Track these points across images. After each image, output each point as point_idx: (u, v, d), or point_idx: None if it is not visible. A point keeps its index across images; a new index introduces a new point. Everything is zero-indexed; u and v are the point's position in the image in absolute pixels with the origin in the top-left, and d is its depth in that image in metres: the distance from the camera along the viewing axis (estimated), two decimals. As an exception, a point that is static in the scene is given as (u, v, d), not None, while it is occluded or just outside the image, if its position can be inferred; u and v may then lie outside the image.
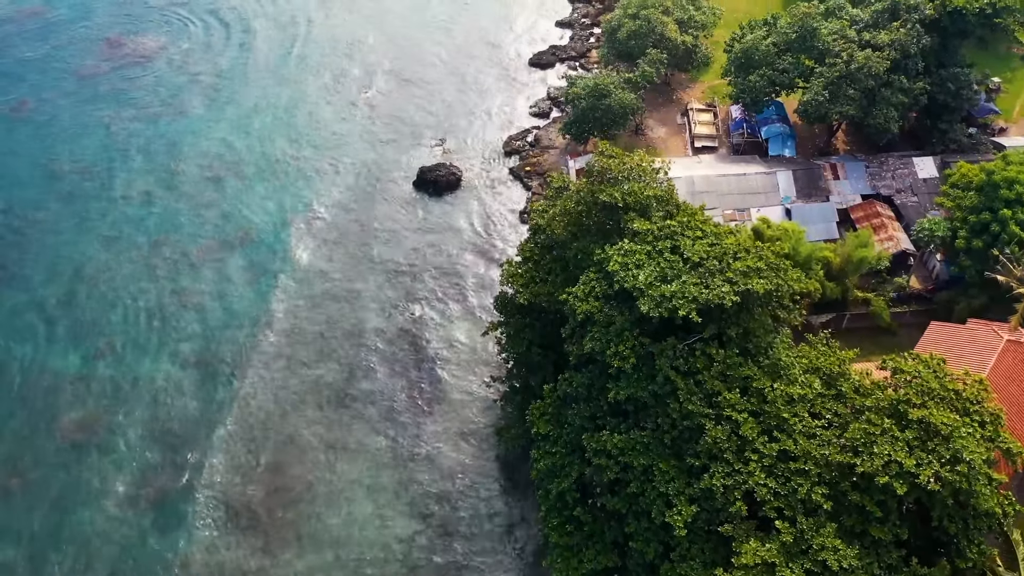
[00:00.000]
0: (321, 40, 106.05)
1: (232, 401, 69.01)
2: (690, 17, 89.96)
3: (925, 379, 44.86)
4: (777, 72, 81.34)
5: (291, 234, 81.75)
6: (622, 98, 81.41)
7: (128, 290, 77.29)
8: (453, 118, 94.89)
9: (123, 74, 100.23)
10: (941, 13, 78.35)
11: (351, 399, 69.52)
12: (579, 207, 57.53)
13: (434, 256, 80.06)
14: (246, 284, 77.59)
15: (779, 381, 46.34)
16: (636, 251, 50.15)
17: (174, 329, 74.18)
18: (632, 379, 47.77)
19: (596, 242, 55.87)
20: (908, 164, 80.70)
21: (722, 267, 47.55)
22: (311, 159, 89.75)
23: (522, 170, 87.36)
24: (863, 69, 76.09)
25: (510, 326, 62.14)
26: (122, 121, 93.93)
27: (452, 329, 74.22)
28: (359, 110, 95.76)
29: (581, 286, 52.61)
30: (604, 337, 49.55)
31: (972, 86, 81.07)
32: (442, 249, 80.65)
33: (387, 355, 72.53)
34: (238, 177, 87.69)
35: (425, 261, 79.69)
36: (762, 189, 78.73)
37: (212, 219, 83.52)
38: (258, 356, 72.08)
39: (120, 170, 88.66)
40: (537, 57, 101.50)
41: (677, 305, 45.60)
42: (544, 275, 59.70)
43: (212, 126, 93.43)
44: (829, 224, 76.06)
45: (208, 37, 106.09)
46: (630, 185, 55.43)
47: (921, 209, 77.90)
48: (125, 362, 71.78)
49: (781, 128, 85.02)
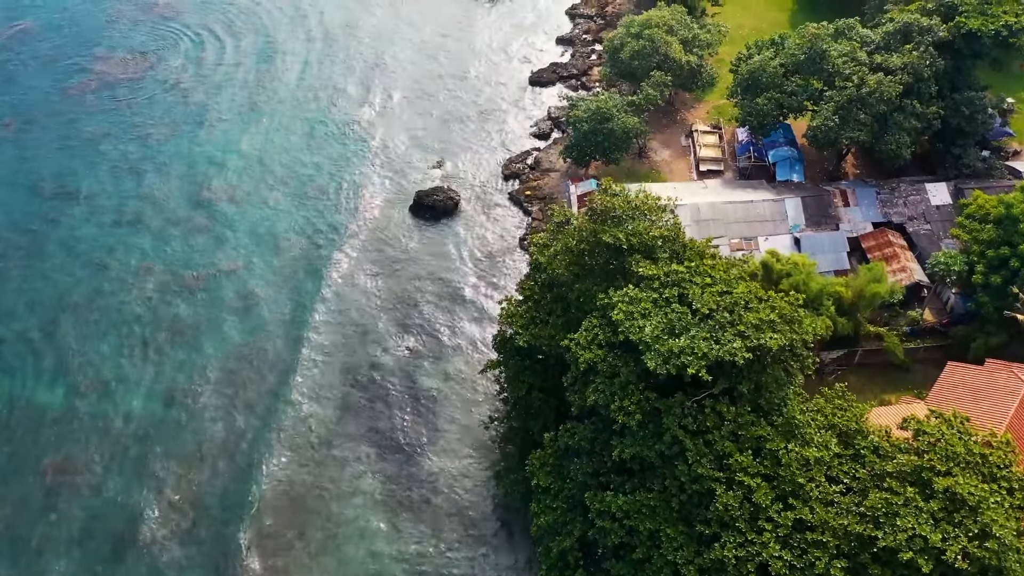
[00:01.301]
0: (316, 58, 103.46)
1: (219, 440, 66.43)
2: (694, 36, 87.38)
3: (949, 442, 42.35)
4: (785, 95, 78.92)
5: (283, 262, 79.16)
6: (625, 122, 78.84)
7: (116, 321, 74.64)
8: (451, 139, 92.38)
9: (113, 93, 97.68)
10: (955, 35, 75.81)
11: (344, 437, 66.96)
12: (581, 245, 55.05)
13: (430, 285, 77.53)
14: (236, 315, 74.95)
15: (794, 441, 43.81)
16: (641, 299, 47.64)
17: (163, 363, 71.52)
18: (638, 437, 45.29)
19: (599, 284, 53.46)
20: (920, 190, 78.16)
21: (733, 319, 45.01)
22: (305, 181, 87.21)
23: (522, 194, 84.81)
24: (875, 93, 73.58)
25: (509, 368, 59.71)
26: (111, 142, 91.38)
27: (449, 363, 71.67)
28: (355, 130, 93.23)
29: (583, 332, 50.16)
30: (608, 389, 47.12)
31: (987, 110, 78.52)
32: (439, 278, 78.11)
33: (381, 390, 69.98)
34: (230, 201, 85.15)
35: (421, 290, 77.15)
36: (770, 217, 76.18)
37: (203, 246, 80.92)
38: (249, 393, 69.49)
39: (109, 193, 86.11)
40: (537, 75, 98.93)
41: (686, 362, 43.08)
42: (544, 316, 57.22)
43: (204, 147, 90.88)
44: (839, 254, 73.52)
45: (200, 53, 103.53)
46: (634, 224, 52.93)
47: (934, 238, 75.44)
48: (113, 399, 69.10)
49: (789, 152, 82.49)
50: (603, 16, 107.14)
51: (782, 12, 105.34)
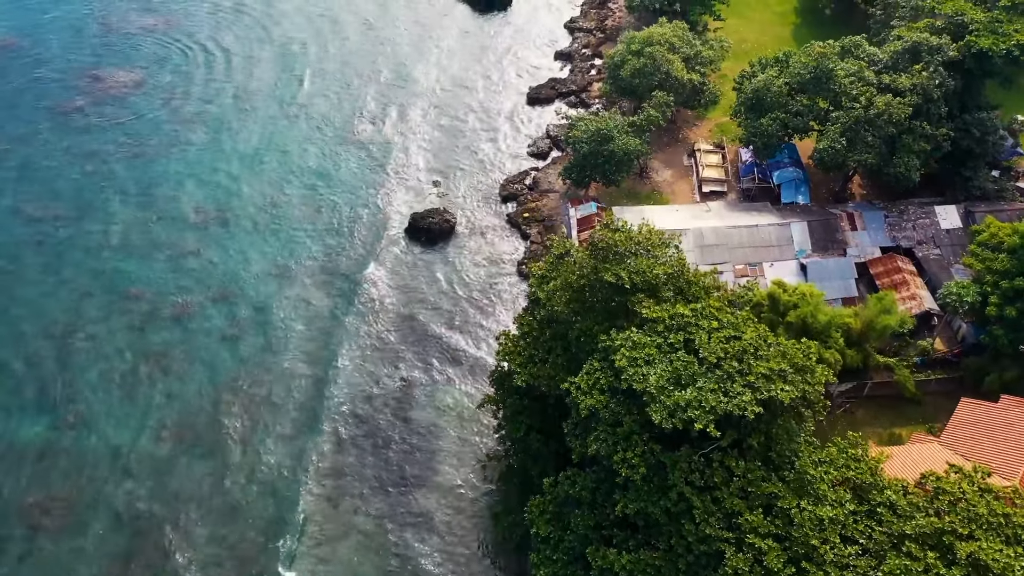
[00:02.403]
0: (309, 74, 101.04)
1: (208, 477, 64.18)
2: (696, 53, 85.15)
3: (971, 501, 40.12)
4: (790, 115, 76.72)
5: (274, 289, 76.85)
6: (626, 143, 76.65)
7: (102, 351, 72.30)
8: (447, 158, 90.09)
9: (100, 110, 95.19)
10: (965, 54, 73.76)
11: (335, 474, 64.73)
12: (581, 281, 52.84)
13: (425, 313, 75.25)
14: (225, 346, 72.63)
15: (807, 499, 41.54)
16: (645, 344, 45.43)
17: (149, 396, 69.21)
18: (642, 491, 43.10)
19: (600, 323, 51.29)
20: (930, 213, 76.03)
21: (742, 368, 42.80)
22: (297, 203, 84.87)
23: (519, 216, 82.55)
24: (883, 115, 71.43)
25: (507, 406, 57.52)
26: (99, 162, 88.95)
27: (445, 395, 69.47)
28: (348, 150, 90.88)
29: (584, 376, 47.95)
30: (610, 439, 44.96)
31: (998, 131, 76.41)
32: (434, 305, 75.85)
33: (374, 423, 67.77)
34: (220, 224, 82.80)
35: (414, 319, 74.88)
36: (775, 242, 74.01)
37: (193, 271, 78.56)
38: (237, 428, 67.23)
39: (96, 215, 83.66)
40: (535, 91, 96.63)
41: (693, 416, 40.86)
42: (544, 354, 54.98)
43: (194, 167, 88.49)
44: (847, 281, 71.36)
45: (190, 69, 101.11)
46: (637, 262, 50.71)
47: (944, 263, 73.35)
48: (97, 433, 66.78)
49: (794, 173, 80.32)
50: (603, 30, 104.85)
51: (785, 26, 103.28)
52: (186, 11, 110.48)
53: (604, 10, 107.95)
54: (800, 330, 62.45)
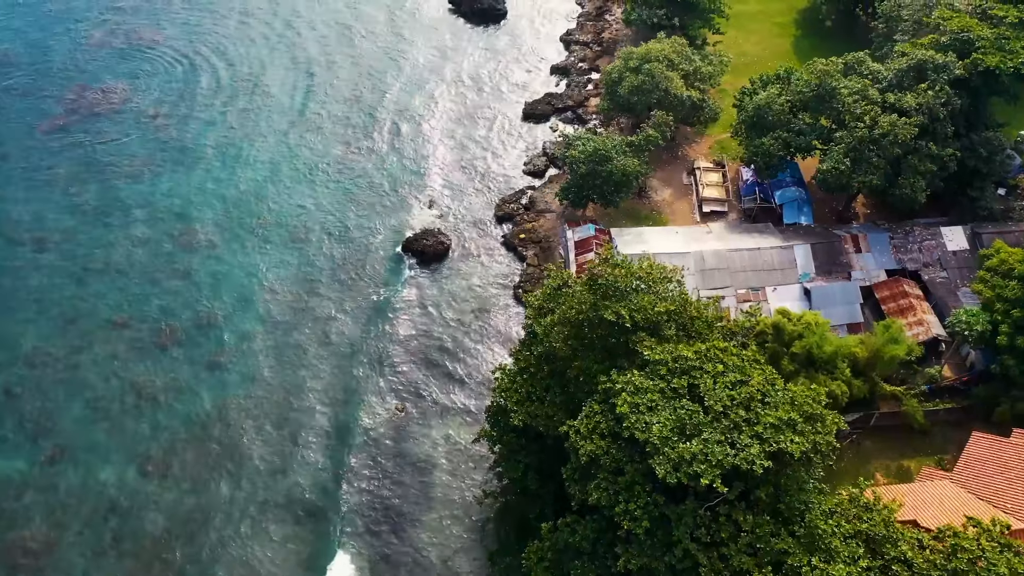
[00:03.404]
0: (300, 90, 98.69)
1: (192, 515, 61.98)
2: (696, 69, 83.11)
3: (991, 560, 38.16)
4: (793, 134, 74.80)
5: (262, 315, 74.70)
6: (625, 164, 74.64)
7: (85, 381, 70.14)
8: (441, 176, 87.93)
9: (86, 128, 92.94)
10: (972, 72, 71.81)
11: (326, 510, 62.65)
12: (580, 317, 50.79)
13: (419, 340, 73.12)
14: (212, 374, 70.50)
15: (818, 555, 39.54)
16: (648, 388, 43.43)
17: (134, 428, 67.08)
18: (645, 546, 41.10)
19: (600, 362, 49.31)
20: (936, 235, 74.14)
21: (750, 417, 40.79)
22: (287, 225, 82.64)
23: (515, 238, 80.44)
24: (888, 136, 69.48)
25: (504, 443, 55.42)
26: (83, 183, 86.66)
27: (440, 426, 67.37)
28: (340, 168, 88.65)
29: (584, 420, 45.97)
30: (612, 488, 42.98)
31: (1005, 151, 74.55)
32: (428, 332, 73.71)
33: (368, 455, 65.70)
34: (207, 247, 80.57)
35: (408, 346, 72.77)
36: (778, 265, 72.02)
37: (180, 297, 76.33)
38: (225, 461, 65.08)
39: (81, 238, 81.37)
40: (531, 107, 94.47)
41: (699, 471, 38.83)
42: (541, 392, 52.95)
43: (181, 187, 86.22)
44: (852, 306, 69.35)
45: (179, 85, 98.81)
46: (638, 298, 48.72)
47: (951, 286, 71.42)
48: (79, 469, 64.61)
49: (796, 192, 78.35)
50: (599, 42, 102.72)
51: (785, 38, 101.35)
52: (179, 24, 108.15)
53: (601, 22, 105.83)
54: (805, 360, 60.70)
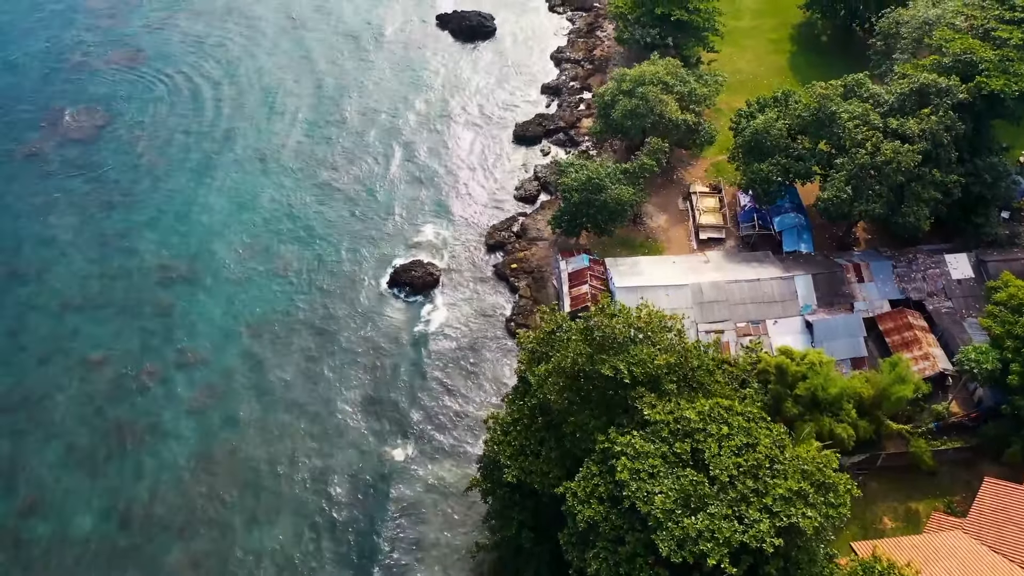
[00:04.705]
0: (282, 112, 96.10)
1: (174, 570, 59.38)
2: (691, 91, 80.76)
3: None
4: (792, 159, 72.64)
5: (245, 353, 72.05)
6: (620, 193, 72.30)
7: (61, 425, 67.44)
8: (430, 203, 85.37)
9: (64, 154, 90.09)
10: (975, 96, 69.70)
11: (312, 556, 60.13)
12: (576, 367, 48.42)
13: (408, 378, 70.58)
14: (196, 417, 67.83)
15: (832, 636, 37.45)
16: (649, 452, 41.11)
17: (113, 476, 64.41)
18: (649, 624, 38.76)
19: (597, 417, 46.99)
20: (940, 263, 72.03)
21: (758, 488, 38.49)
22: (272, 255, 79.92)
23: (507, 267, 78.01)
24: (891, 163, 67.36)
25: (497, 498, 53.00)
26: (60, 212, 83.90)
27: (431, 471, 64.85)
28: (325, 196, 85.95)
29: (582, 482, 43.66)
30: (612, 558, 40.66)
31: (1011, 176, 72.54)
32: (417, 369, 71.16)
33: (355, 501, 63.17)
34: (188, 281, 77.87)
35: (396, 384, 70.23)
36: (779, 297, 69.76)
37: (160, 333, 73.59)
38: (209, 510, 62.48)
39: (58, 271, 78.63)
40: (522, 128, 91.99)
41: (705, 550, 36.53)
42: (536, 445, 50.55)
43: (161, 218, 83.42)
44: (855, 339, 67.17)
45: (159, 108, 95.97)
46: (636, 351, 46.37)
47: (956, 316, 69.31)
48: (55, 520, 61.89)
49: (796, 219, 76.16)
50: (591, 60, 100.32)
51: (781, 55, 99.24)
52: (159, 45, 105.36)
53: (592, 39, 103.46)
54: (810, 402, 58.57)
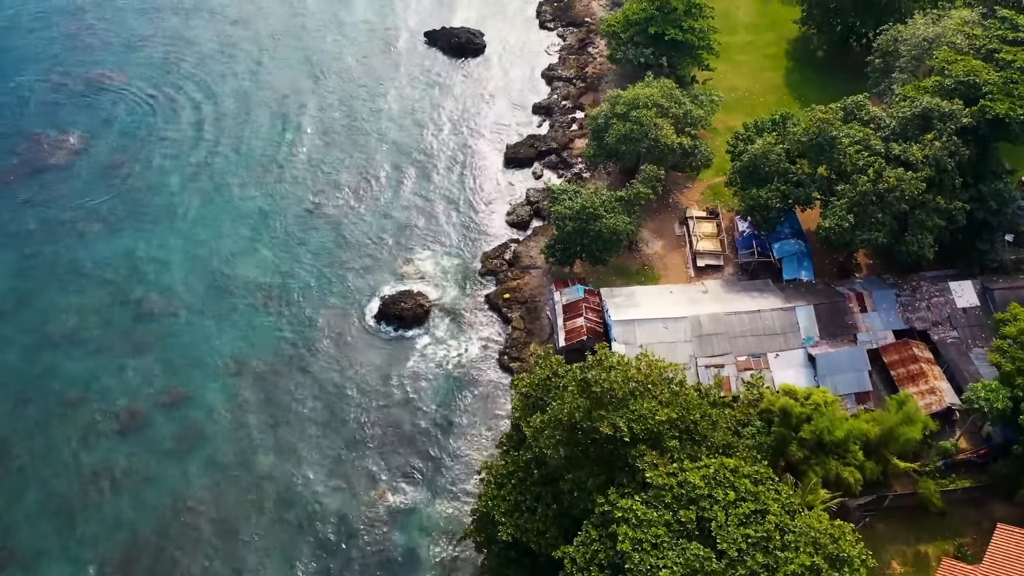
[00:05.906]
0: (267, 135, 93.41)
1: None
2: (686, 113, 78.59)
3: None
4: (791, 185, 70.64)
5: (229, 393, 69.55)
6: (615, 222, 70.12)
7: (38, 471, 64.88)
8: (419, 231, 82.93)
9: (41, 180, 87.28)
10: (980, 120, 67.76)
11: (302, 614, 57.99)
12: (572, 420, 46.20)
13: (397, 416, 68.25)
14: (178, 461, 65.33)
15: None
16: (652, 520, 38.94)
17: (92, 524, 61.92)
18: None
19: (596, 475, 44.85)
20: (944, 290, 70.14)
21: (768, 563, 36.35)
22: (256, 288, 77.31)
23: (499, 297, 75.75)
24: (894, 191, 65.39)
25: (491, 555, 50.84)
26: (38, 242, 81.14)
27: (424, 515, 62.55)
28: (309, 224, 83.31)
29: (581, 548, 41.48)
30: (613, 632, 38.46)
31: (1016, 201, 70.67)
32: (407, 406, 68.88)
33: (343, 548, 60.82)
34: (170, 314, 75.34)
35: (386, 421, 67.95)
36: (780, 330, 67.75)
37: (141, 370, 71.10)
38: (189, 562, 59.99)
39: (34, 305, 75.97)
40: (513, 151, 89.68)
41: (714, 634, 34.44)
42: (532, 501, 48.33)
43: (143, 247, 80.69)
44: (860, 373, 65.18)
45: (139, 131, 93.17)
46: (636, 405, 44.19)
47: (962, 347, 67.45)
48: (35, 573, 59.45)
49: (796, 246, 74.14)
50: (583, 78, 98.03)
51: (777, 71, 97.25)
52: (140, 64, 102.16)
53: (584, 56, 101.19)
54: (815, 445, 56.51)
